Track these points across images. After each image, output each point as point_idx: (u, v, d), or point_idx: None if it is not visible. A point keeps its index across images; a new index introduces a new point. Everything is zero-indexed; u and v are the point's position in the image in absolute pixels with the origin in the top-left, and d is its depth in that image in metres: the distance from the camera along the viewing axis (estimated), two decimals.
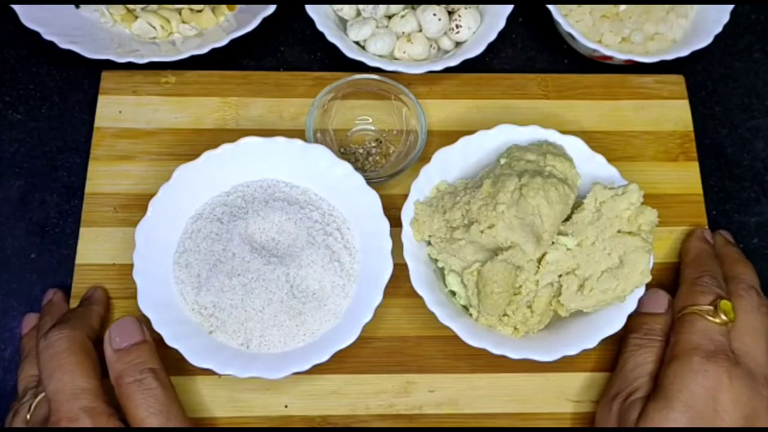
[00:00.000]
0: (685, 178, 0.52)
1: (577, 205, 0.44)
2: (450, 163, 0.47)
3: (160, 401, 0.39)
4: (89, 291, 0.47)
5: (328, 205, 0.48)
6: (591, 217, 0.43)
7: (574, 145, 0.47)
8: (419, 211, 0.45)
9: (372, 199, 0.46)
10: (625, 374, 0.43)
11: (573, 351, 0.42)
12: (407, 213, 0.45)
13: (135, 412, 0.39)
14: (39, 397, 0.41)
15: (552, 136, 0.47)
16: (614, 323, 0.43)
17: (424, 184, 0.46)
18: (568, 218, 0.44)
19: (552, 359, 0.42)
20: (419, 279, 0.44)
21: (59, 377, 0.39)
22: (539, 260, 0.43)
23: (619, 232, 0.43)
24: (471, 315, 0.44)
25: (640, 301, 0.44)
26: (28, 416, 0.41)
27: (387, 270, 0.44)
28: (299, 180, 0.48)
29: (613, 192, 0.43)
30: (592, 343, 0.42)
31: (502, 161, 0.45)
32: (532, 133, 0.47)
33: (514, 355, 0.42)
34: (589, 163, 0.47)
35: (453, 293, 0.45)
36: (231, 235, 0.45)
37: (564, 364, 0.43)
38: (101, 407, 0.39)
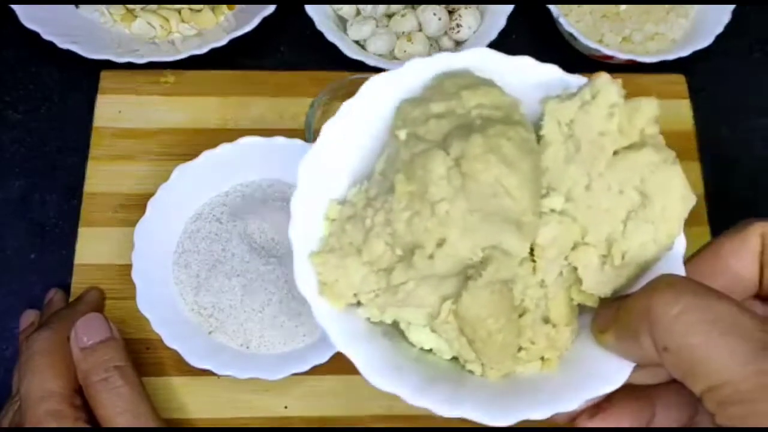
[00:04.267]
0: (686, 178, 0.52)
1: (537, 142, 0.28)
2: (325, 171, 0.29)
3: (126, 400, 0.38)
4: (83, 292, 0.46)
5: None
6: (565, 151, 0.27)
7: (481, 59, 0.30)
8: (321, 268, 0.27)
9: None
10: None
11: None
12: (304, 279, 0.27)
13: (102, 413, 0.38)
14: (15, 399, 0.41)
15: (446, 62, 0.29)
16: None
17: (305, 220, 0.28)
18: (538, 170, 0.27)
19: (623, 378, 0.26)
20: (379, 370, 0.26)
21: (29, 379, 0.38)
22: (531, 252, 0.27)
23: (615, 153, 0.28)
24: (471, 372, 0.28)
25: None
26: (7, 420, 0.41)
27: None
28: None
29: (577, 101, 0.28)
30: None
31: (401, 134, 0.28)
32: (418, 70, 0.29)
33: (572, 404, 0.26)
34: (515, 76, 0.31)
35: (429, 350, 0.29)
36: (230, 235, 0.45)
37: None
38: (67, 410, 0.38)
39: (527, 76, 0.31)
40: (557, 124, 0.28)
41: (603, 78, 0.28)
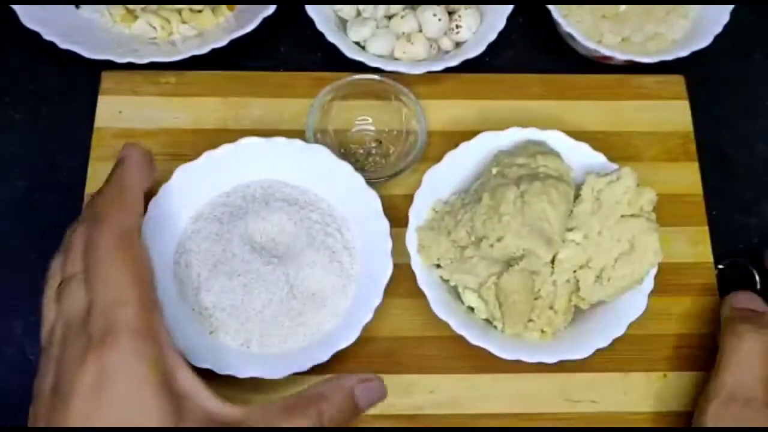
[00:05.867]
0: (686, 178, 0.52)
1: (575, 197, 0.44)
2: (440, 181, 0.47)
3: None
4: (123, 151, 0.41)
5: (328, 205, 0.47)
6: (591, 207, 0.44)
7: (557, 138, 0.47)
8: (423, 237, 0.45)
9: (372, 200, 0.46)
10: (743, 375, 0.40)
11: (604, 342, 0.43)
12: (411, 241, 0.45)
13: None
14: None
15: (533, 134, 0.47)
16: (637, 306, 0.44)
17: (420, 208, 0.46)
18: (569, 213, 0.44)
19: (587, 355, 0.43)
20: (441, 306, 0.44)
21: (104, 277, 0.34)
22: (552, 261, 0.43)
23: (622, 216, 0.43)
24: (495, 327, 0.44)
25: (735, 298, 0.45)
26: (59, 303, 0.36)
27: (387, 270, 0.44)
28: (299, 180, 0.48)
29: (607, 179, 0.44)
30: (620, 330, 0.43)
31: (494, 170, 0.45)
32: (513, 134, 0.48)
33: (550, 359, 0.42)
34: (575, 154, 0.47)
35: (471, 309, 0.45)
36: (231, 235, 0.45)
37: (564, 365, 0.43)
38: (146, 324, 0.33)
39: (582, 156, 0.48)
40: (591, 190, 0.44)
41: (627, 169, 0.44)
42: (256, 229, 0.46)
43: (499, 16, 0.53)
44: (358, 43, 0.54)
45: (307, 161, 0.47)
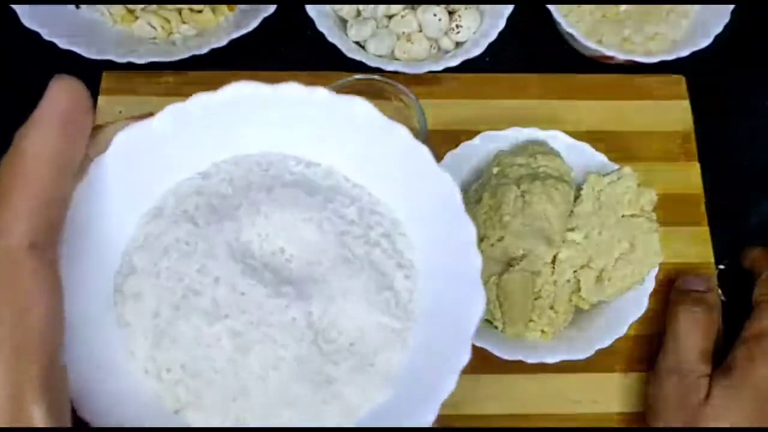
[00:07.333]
0: (686, 178, 0.52)
1: (575, 197, 0.45)
2: None
3: None
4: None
5: (369, 195, 0.30)
6: (592, 207, 0.44)
7: (557, 138, 0.47)
8: None
9: (446, 185, 0.28)
10: (680, 351, 0.43)
11: (607, 342, 0.43)
12: None
13: None
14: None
15: (533, 134, 0.47)
16: (638, 306, 0.44)
17: None
18: (570, 213, 0.44)
19: (588, 355, 0.43)
20: None
21: None
22: (553, 261, 0.43)
23: (622, 217, 0.44)
24: (496, 328, 0.44)
25: (681, 280, 0.47)
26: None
27: (476, 304, 0.26)
28: (321, 153, 0.30)
29: (608, 179, 0.44)
30: (621, 330, 0.43)
31: (494, 170, 0.45)
32: (514, 134, 0.47)
33: (550, 360, 0.43)
34: (576, 153, 0.47)
35: None
36: (211, 245, 0.27)
37: (564, 365, 0.43)
38: None
39: (583, 156, 0.47)
40: (592, 190, 0.44)
41: (627, 169, 0.44)
42: (254, 235, 0.28)
43: (499, 16, 0.53)
44: (358, 43, 0.54)
45: (336, 122, 0.29)
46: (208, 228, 0.28)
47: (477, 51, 0.52)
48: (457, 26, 0.54)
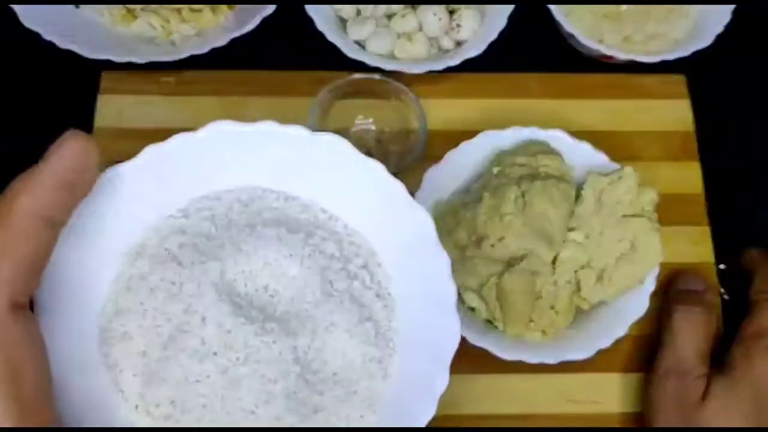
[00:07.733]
0: (687, 178, 0.52)
1: (576, 197, 0.44)
2: (441, 181, 0.47)
3: None
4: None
5: (345, 226, 0.32)
6: (593, 207, 0.44)
7: (558, 138, 0.47)
8: None
9: (419, 217, 0.30)
10: (678, 351, 0.43)
11: (607, 342, 0.43)
12: None
13: None
14: None
15: (534, 133, 0.47)
16: (639, 306, 0.43)
17: None
18: (570, 213, 0.44)
19: (589, 355, 0.42)
20: None
21: None
22: (553, 261, 0.43)
23: (623, 216, 0.43)
24: (496, 328, 0.44)
25: (679, 280, 0.47)
26: None
27: (451, 331, 0.28)
28: (299, 187, 0.32)
29: (609, 179, 0.44)
30: (622, 330, 0.43)
31: (495, 170, 0.45)
32: (514, 134, 0.47)
33: (551, 360, 0.42)
34: (576, 153, 0.47)
35: (472, 309, 0.45)
36: (197, 285, 0.28)
37: (565, 365, 0.43)
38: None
39: (583, 155, 0.46)
40: (593, 190, 0.44)
41: (628, 169, 0.44)
42: (238, 274, 0.29)
43: (499, 16, 0.53)
44: (358, 43, 0.54)
45: (314, 158, 0.31)
46: (193, 268, 0.28)
47: (477, 50, 0.52)
48: (457, 26, 0.53)
